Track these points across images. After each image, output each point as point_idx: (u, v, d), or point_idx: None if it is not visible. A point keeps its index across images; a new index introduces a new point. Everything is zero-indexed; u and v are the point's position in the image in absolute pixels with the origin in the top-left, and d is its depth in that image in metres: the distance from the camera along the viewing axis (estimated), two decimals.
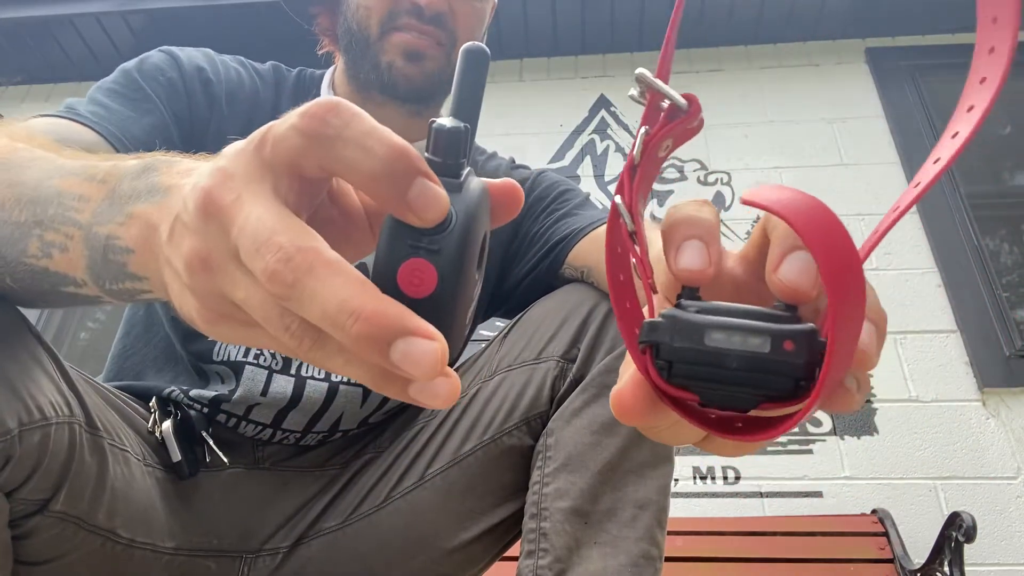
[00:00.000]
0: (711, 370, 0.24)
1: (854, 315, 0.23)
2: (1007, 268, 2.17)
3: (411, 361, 0.22)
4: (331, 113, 0.24)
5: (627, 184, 0.28)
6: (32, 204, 0.37)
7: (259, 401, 0.70)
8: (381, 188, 0.23)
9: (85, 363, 2.29)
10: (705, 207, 0.29)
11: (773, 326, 0.24)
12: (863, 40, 2.56)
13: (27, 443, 0.47)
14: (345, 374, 0.24)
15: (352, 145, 0.23)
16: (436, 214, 0.24)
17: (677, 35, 0.29)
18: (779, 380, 0.24)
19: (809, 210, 0.23)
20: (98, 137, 0.63)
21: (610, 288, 0.29)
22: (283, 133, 0.24)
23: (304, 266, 0.22)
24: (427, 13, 0.75)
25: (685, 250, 0.27)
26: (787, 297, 0.25)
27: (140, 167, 0.33)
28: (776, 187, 0.25)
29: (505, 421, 0.67)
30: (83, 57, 2.71)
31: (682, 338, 0.25)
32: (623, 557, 0.58)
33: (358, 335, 0.22)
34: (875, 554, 1.55)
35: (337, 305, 0.22)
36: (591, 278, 0.70)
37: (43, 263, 0.37)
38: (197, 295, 0.25)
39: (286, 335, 0.23)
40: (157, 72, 0.73)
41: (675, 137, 0.29)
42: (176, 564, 0.64)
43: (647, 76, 0.28)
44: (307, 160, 0.24)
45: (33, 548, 0.53)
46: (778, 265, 0.26)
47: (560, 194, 0.84)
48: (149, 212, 0.30)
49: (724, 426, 0.27)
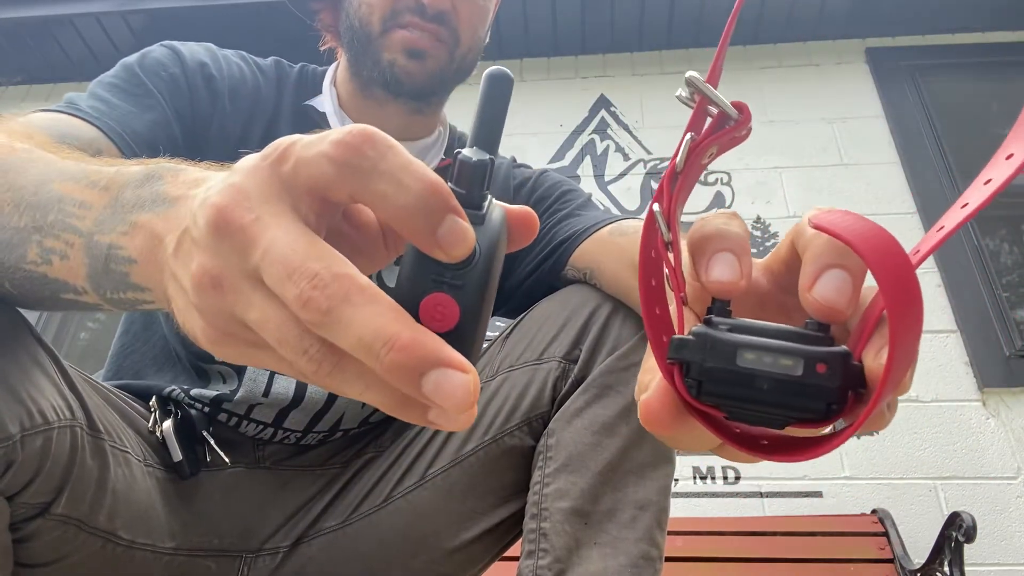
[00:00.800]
0: (742, 390, 0.24)
1: (912, 348, 0.22)
2: (1007, 268, 2.17)
3: (443, 393, 0.22)
4: (368, 144, 0.23)
5: (667, 192, 0.28)
6: (31, 209, 0.37)
7: (261, 401, 0.70)
8: (413, 223, 0.23)
9: (85, 363, 2.29)
10: (734, 220, 0.28)
11: (806, 348, 0.24)
12: (863, 40, 2.55)
13: (29, 448, 0.47)
14: (363, 399, 0.24)
15: (387, 179, 0.23)
16: (464, 251, 0.24)
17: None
18: (811, 403, 0.24)
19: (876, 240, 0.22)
20: (98, 133, 0.62)
21: (641, 293, 0.28)
22: (312, 158, 0.24)
23: (340, 294, 0.22)
24: (429, 11, 0.75)
25: (716, 263, 0.27)
26: (821, 315, 0.25)
27: (144, 174, 0.33)
28: (843, 213, 0.24)
29: (506, 421, 0.67)
30: (83, 57, 2.71)
31: (713, 357, 0.24)
32: (623, 558, 0.58)
33: (392, 364, 0.22)
34: (875, 554, 1.55)
35: (373, 333, 0.22)
36: (594, 279, 0.70)
37: (42, 269, 0.37)
38: (204, 314, 0.25)
39: (303, 359, 0.23)
40: (159, 67, 0.72)
41: (721, 145, 0.29)
42: (176, 564, 0.64)
43: (698, 81, 0.27)
44: (337, 189, 0.24)
45: (34, 551, 0.53)
46: (813, 283, 0.25)
47: (562, 194, 0.84)
48: (154, 223, 0.30)
49: (749, 442, 0.26)
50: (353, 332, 0.22)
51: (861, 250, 0.22)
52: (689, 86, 0.28)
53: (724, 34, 0.28)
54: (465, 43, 0.79)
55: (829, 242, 0.25)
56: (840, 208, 0.26)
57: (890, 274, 0.22)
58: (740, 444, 0.26)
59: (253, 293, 0.23)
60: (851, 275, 0.25)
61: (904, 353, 0.22)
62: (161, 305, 0.33)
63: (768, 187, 2.29)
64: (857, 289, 0.25)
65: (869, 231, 0.23)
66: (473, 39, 0.80)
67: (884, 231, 0.23)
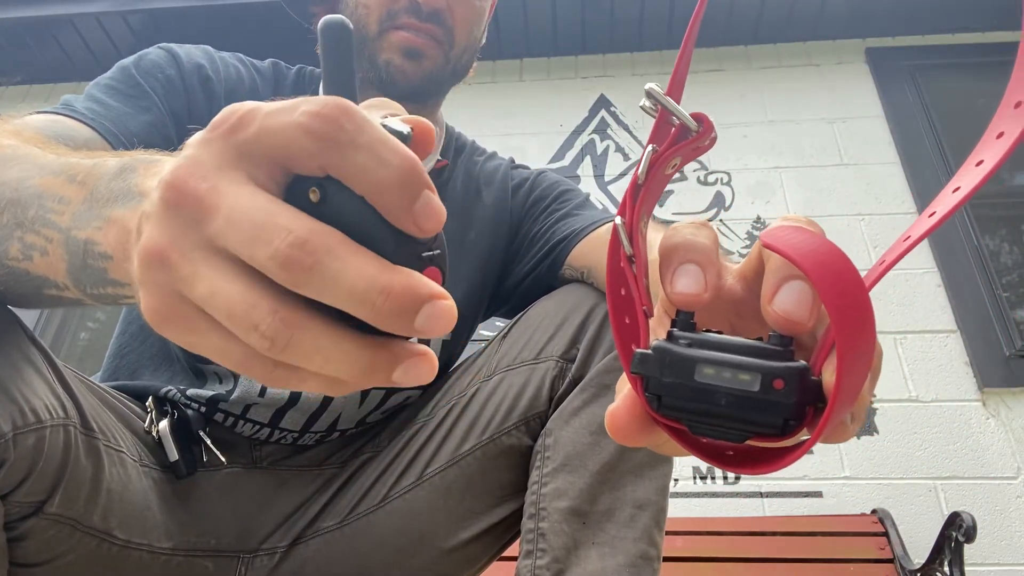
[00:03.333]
0: (700, 405, 0.24)
1: (862, 363, 0.22)
2: (1007, 268, 2.17)
3: (434, 322, 0.22)
4: (345, 117, 0.23)
5: (629, 205, 0.28)
6: (12, 205, 0.37)
7: (257, 401, 0.70)
8: (391, 198, 0.23)
9: (85, 363, 2.29)
10: (703, 230, 0.28)
11: (764, 363, 0.24)
12: (863, 40, 2.55)
13: (22, 446, 0.47)
14: (322, 371, 0.22)
15: (366, 152, 0.23)
16: (435, 226, 0.24)
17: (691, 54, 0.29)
18: (768, 418, 0.24)
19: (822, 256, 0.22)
20: (94, 134, 0.62)
21: (609, 303, 0.29)
22: (280, 127, 0.23)
23: (323, 248, 0.21)
24: (425, 10, 0.75)
25: (681, 275, 0.27)
26: (782, 327, 0.25)
27: (118, 167, 0.32)
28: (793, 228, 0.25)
29: (504, 421, 0.66)
30: (83, 57, 2.71)
31: (671, 373, 0.25)
32: (621, 557, 0.58)
33: (390, 310, 0.22)
34: (875, 554, 1.54)
35: (366, 284, 0.21)
36: (591, 279, 0.70)
37: (24, 266, 0.37)
38: (148, 290, 0.24)
39: (254, 335, 0.22)
40: (155, 69, 0.72)
41: (684, 155, 0.29)
42: (173, 564, 0.64)
43: (657, 93, 0.27)
44: (307, 160, 0.23)
45: (29, 550, 0.53)
46: (773, 295, 0.25)
47: (560, 194, 0.84)
48: (126, 217, 0.29)
49: (714, 453, 0.27)
50: (343, 286, 0.21)
51: (805, 267, 0.22)
52: (649, 98, 0.28)
53: (683, 45, 0.28)
54: (461, 43, 0.79)
55: None
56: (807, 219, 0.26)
57: (835, 289, 0.22)
58: (705, 455, 0.27)
59: (202, 265, 0.22)
60: (810, 287, 0.25)
61: (854, 368, 0.22)
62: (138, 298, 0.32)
63: (768, 187, 2.29)
64: (818, 300, 0.25)
65: (817, 248, 0.23)
66: (469, 39, 0.80)
67: (834, 248, 0.23)
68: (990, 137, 0.24)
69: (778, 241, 0.24)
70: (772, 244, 0.24)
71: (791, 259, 0.23)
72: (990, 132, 0.24)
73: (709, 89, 2.50)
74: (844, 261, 0.22)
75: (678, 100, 0.28)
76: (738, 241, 2.19)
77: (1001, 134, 0.24)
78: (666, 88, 0.28)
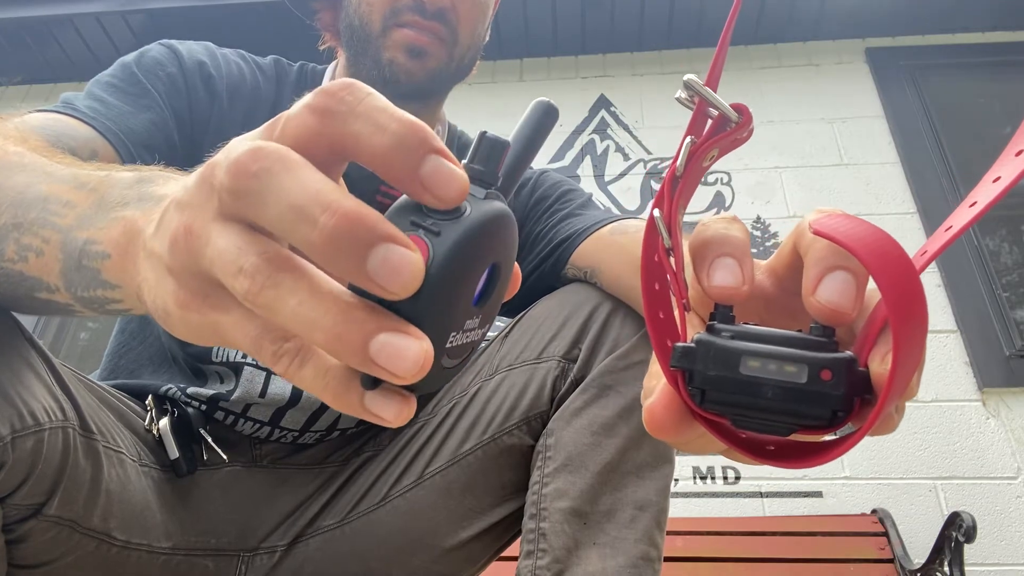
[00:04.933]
0: (746, 398, 0.24)
1: (917, 351, 0.22)
2: (1007, 268, 2.17)
3: (390, 269, 0.20)
4: (346, 90, 0.23)
5: (667, 197, 0.27)
6: (14, 207, 0.37)
7: (257, 401, 0.70)
8: (394, 163, 0.22)
9: (85, 363, 2.29)
10: (734, 224, 0.28)
11: (810, 354, 0.23)
12: (863, 40, 2.55)
13: (20, 449, 0.47)
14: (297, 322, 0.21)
15: (364, 119, 0.22)
16: (452, 193, 0.22)
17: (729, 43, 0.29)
18: (816, 410, 0.23)
19: (877, 243, 0.22)
20: (94, 133, 0.62)
21: (644, 298, 0.28)
22: (295, 112, 0.23)
23: (274, 155, 0.21)
24: (429, 8, 0.74)
25: (717, 268, 0.27)
26: (826, 318, 0.25)
27: (135, 178, 0.32)
28: (843, 217, 0.24)
29: (505, 420, 0.66)
30: (83, 57, 2.71)
31: (716, 366, 0.24)
32: (622, 558, 0.58)
33: (334, 228, 0.20)
34: (875, 554, 1.54)
35: (309, 196, 0.20)
36: (594, 278, 0.70)
37: (19, 267, 0.37)
38: (175, 273, 0.24)
39: (240, 277, 0.21)
40: (156, 67, 0.72)
41: (722, 147, 0.28)
42: (173, 564, 0.64)
43: (697, 84, 0.27)
44: (317, 139, 0.23)
45: (28, 551, 0.53)
46: (816, 286, 0.25)
47: (563, 194, 0.84)
48: (135, 217, 0.29)
49: (755, 448, 0.26)
50: (284, 197, 0.20)
51: (861, 255, 0.22)
52: (688, 89, 0.27)
53: (723, 36, 0.28)
54: (464, 41, 0.79)
55: (831, 244, 0.25)
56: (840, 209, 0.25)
57: (892, 278, 0.21)
58: (746, 450, 0.26)
59: (214, 232, 0.22)
60: (855, 276, 0.25)
61: (908, 358, 0.22)
62: (129, 304, 0.32)
63: (768, 187, 2.29)
64: (861, 291, 0.25)
65: (869, 235, 0.22)
66: (472, 37, 0.80)
67: (885, 234, 0.22)
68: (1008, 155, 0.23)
69: (828, 228, 0.23)
70: (824, 231, 0.23)
71: (847, 246, 0.22)
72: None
73: None
74: (897, 248, 0.22)
75: (715, 90, 0.28)
76: None
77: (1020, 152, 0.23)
78: (704, 79, 0.27)
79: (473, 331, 0.26)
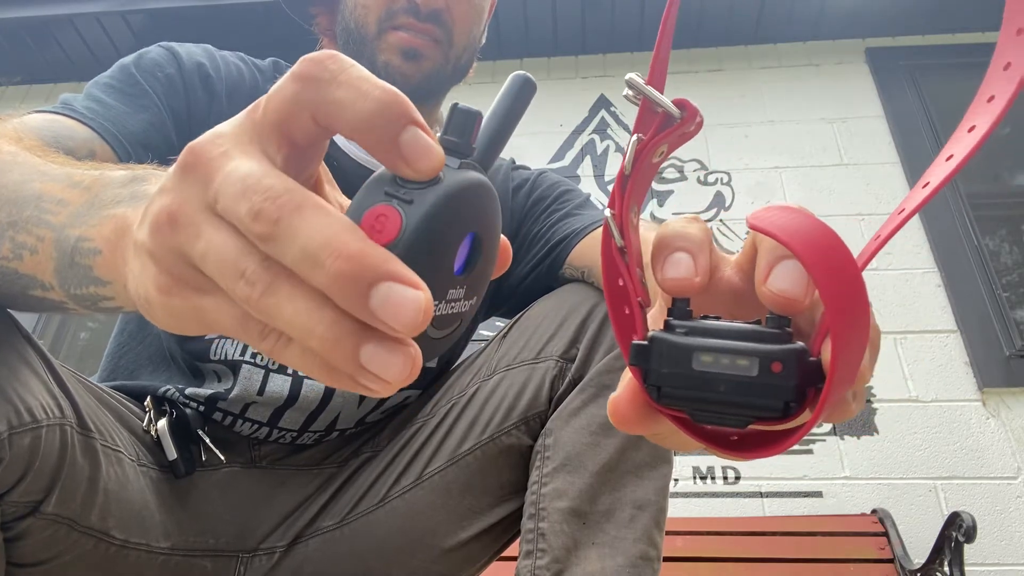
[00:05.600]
0: (700, 393, 0.24)
1: (857, 340, 0.22)
2: (1007, 268, 2.17)
3: (392, 307, 0.20)
4: (329, 59, 0.23)
5: (618, 196, 0.28)
6: (9, 205, 0.37)
7: (255, 400, 0.70)
8: (373, 131, 0.23)
9: (85, 362, 2.29)
10: (693, 223, 0.29)
11: (761, 347, 0.24)
12: (863, 40, 2.55)
13: (17, 446, 0.47)
14: (293, 327, 0.21)
15: (345, 87, 0.23)
16: (428, 164, 0.23)
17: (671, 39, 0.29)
18: (769, 402, 0.24)
19: (810, 234, 0.22)
20: (92, 133, 0.62)
21: (606, 295, 0.29)
22: (278, 86, 0.23)
23: (291, 204, 0.21)
24: (423, 10, 0.74)
25: (670, 263, 0.27)
26: (779, 307, 0.25)
27: (128, 176, 0.33)
28: (779, 208, 0.24)
29: (504, 420, 0.66)
30: (83, 57, 2.71)
31: (669, 363, 0.25)
32: (621, 558, 0.58)
33: (338, 273, 0.20)
34: (875, 554, 1.54)
35: (320, 243, 0.20)
36: (591, 278, 0.70)
37: (13, 265, 0.37)
38: (156, 259, 0.24)
39: (240, 283, 0.22)
40: (155, 68, 0.72)
41: (670, 143, 0.29)
42: (172, 564, 0.64)
43: (638, 83, 0.27)
44: (300, 108, 0.23)
45: (26, 550, 0.53)
46: (767, 276, 0.25)
47: (561, 194, 0.84)
48: (127, 214, 0.30)
49: (719, 439, 0.27)
50: (299, 242, 0.21)
51: (793, 246, 0.22)
52: (630, 87, 0.28)
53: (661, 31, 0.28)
54: (460, 43, 0.79)
55: None
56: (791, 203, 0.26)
57: (824, 268, 0.22)
58: (709, 442, 0.27)
59: (204, 224, 0.22)
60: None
61: (848, 346, 0.22)
62: (120, 301, 0.32)
63: (768, 187, 2.29)
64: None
65: (804, 226, 0.23)
66: (468, 38, 0.80)
67: (820, 224, 0.23)
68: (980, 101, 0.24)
69: (763, 222, 0.24)
70: (758, 225, 0.24)
71: (777, 238, 0.23)
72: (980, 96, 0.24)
73: (709, 89, 2.49)
74: (832, 237, 0.22)
75: (661, 87, 0.28)
76: (738, 241, 2.19)
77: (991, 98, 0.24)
78: (647, 77, 0.28)
79: (459, 302, 0.26)
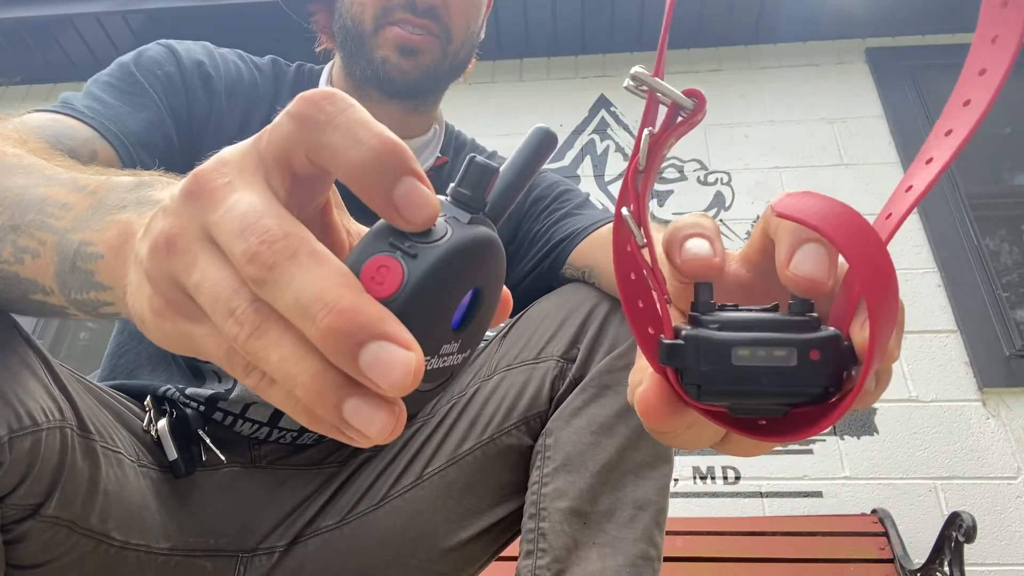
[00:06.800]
0: (741, 387, 0.24)
1: (889, 319, 0.23)
2: (1007, 268, 2.17)
3: (381, 367, 0.20)
4: (326, 100, 0.23)
5: (633, 193, 0.27)
6: (12, 208, 0.37)
7: (256, 400, 0.70)
8: (368, 180, 0.22)
9: (85, 363, 2.29)
10: (704, 217, 0.29)
11: (797, 336, 0.24)
12: (863, 40, 2.55)
13: (17, 450, 0.47)
14: (280, 373, 0.21)
15: (341, 131, 0.22)
16: (422, 217, 0.22)
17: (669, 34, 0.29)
18: (809, 389, 0.24)
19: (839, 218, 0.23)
20: (93, 132, 0.62)
21: (620, 289, 0.28)
22: (277, 121, 0.23)
23: (287, 251, 0.21)
24: (420, 6, 0.74)
25: (689, 246, 0.27)
26: (803, 291, 0.25)
27: (135, 182, 0.33)
28: (801, 194, 0.24)
29: (504, 420, 0.66)
30: (83, 57, 2.71)
31: (708, 361, 0.24)
32: (621, 558, 0.58)
33: (328, 328, 0.20)
34: (875, 554, 1.54)
35: (313, 295, 0.20)
36: (592, 278, 0.70)
37: (14, 269, 0.37)
38: (152, 280, 0.24)
39: (230, 321, 0.21)
40: (155, 66, 0.72)
41: (678, 134, 0.29)
42: (172, 564, 0.64)
43: (646, 76, 0.27)
44: (296, 147, 0.23)
45: (26, 552, 0.53)
46: (789, 260, 0.25)
47: (560, 194, 0.84)
48: (131, 220, 0.29)
49: (748, 426, 0.27)
50: (292, 292, 0.20)
51: (825, 230, 0.22)
52: (636, 81, 0.27)
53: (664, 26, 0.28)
54: (457, 38, 0.79)
55: None
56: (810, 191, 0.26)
57: (858, 251, 0.22)
58: (741, 429, 0.26)
59: (200, 253, 0.22)
60: (825, 247, 0.25)
61: (885, 324, 0.22)
62: (119, 308, 0.32)
63: (768, 187, 2.29)
64: (834, 259, 0.25)
65: (831, 210, 0.23)
66: (466, 34, 0.80)
67: (847, 208, 0.23)
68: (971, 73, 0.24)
69: (790, 208, 0.24)
70: (786, 212, 0.24)
71: (809, 224, 0.23)
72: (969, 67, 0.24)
73: (709, 89, 2.48)
74: (857, 217, 0.22)
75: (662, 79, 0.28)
76: (738, 241, 2.19)
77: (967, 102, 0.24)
78: (653, 70, 0.28)
79: (451, 356, 0.26)
